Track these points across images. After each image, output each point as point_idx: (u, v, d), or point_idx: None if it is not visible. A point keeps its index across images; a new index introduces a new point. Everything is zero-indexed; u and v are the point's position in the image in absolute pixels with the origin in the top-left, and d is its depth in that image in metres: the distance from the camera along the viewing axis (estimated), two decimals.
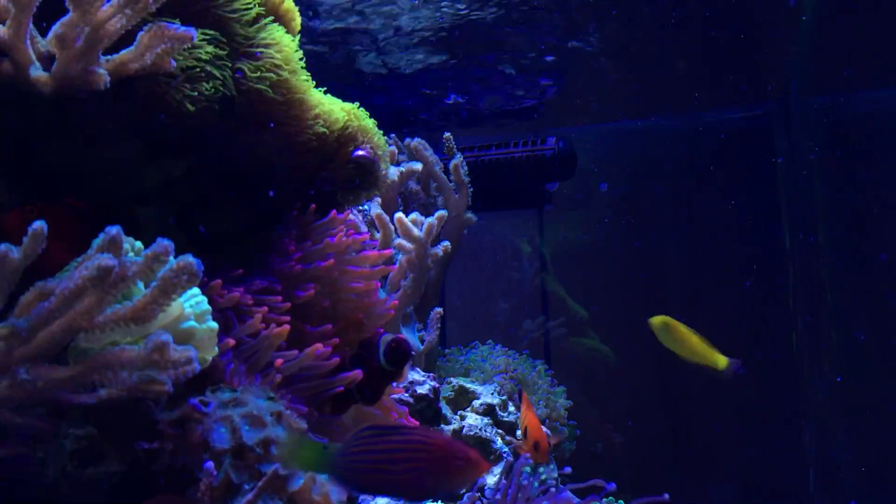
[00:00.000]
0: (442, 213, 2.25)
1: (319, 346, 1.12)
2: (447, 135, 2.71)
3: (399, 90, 3.92)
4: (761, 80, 4.12)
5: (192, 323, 0.88)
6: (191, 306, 0.89)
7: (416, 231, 2.22)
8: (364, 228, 2.20)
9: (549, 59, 3.58)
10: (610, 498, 2.41)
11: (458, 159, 2.63)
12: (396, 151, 2.66)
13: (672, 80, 4.05)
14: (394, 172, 2.57)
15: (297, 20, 1.26)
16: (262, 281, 1.16)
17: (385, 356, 1.15)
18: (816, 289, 4.29)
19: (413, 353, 1.21)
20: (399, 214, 2.19)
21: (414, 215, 2.25)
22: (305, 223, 1.25)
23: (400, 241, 2.22)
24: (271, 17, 1.18)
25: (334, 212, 1.29)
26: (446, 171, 2.70)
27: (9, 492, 0.85)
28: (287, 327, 1.09)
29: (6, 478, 0.85)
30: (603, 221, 5.13)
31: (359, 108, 1.31)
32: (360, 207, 2.30)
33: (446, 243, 2.36)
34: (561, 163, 3.03)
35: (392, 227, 2.28)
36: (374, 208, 2.37)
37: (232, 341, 1.03)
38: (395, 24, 3.10)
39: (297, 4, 1.26)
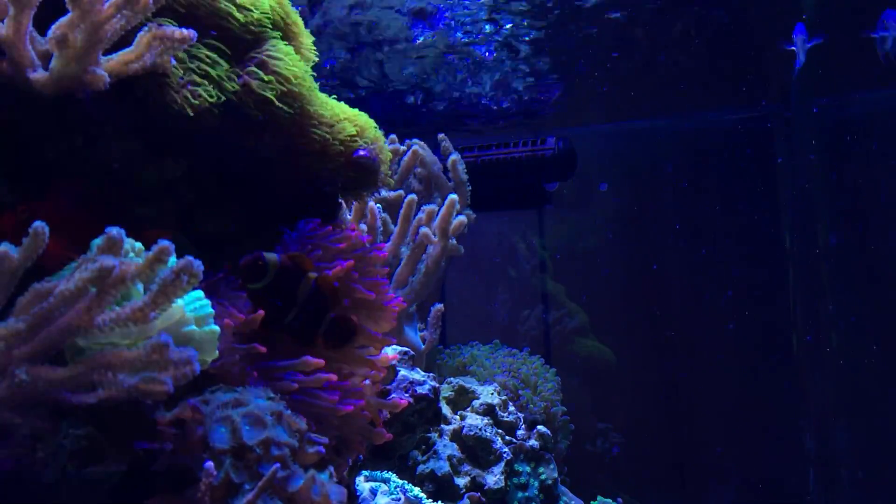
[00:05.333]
0: (462, 218, 2.28)
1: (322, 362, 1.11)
2: (441, 135, 2.71)
3: (398, 88, 3.92)
4: (762, 82, 4.13)
5: (192, 327, 0.88)
6: (192, 310, 0.89)
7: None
8: (379, 224, 2.21)
9: (551, 59, 3.58)
10: (608, 500, 2.42)
11: (455, 157, 2.63)
12: (403, 149, 2.67)
13: (672, 81, 4.05)
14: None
15: (305, 34, 1.26)
16: None
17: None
18: (816, 289, 4.29)
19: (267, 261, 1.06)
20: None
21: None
22: (314, 234, 1.25)
23: (425, 230, 2.23)
24: (274, 22, 1.19)
25: (341, 220, 1.30)
26: (445, 171, 2.71)
27: (9, 492, 0.85)
28: None
29: (6, 478, 0.85)
30: (603, 222, 5.13)
31: (359, 112, 1.32)
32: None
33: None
34: (561, 163, 3.03)
35: (412, 223, 2.29)
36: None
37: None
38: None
39: None
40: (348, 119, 1.27)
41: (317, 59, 1.28)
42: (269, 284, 1.05)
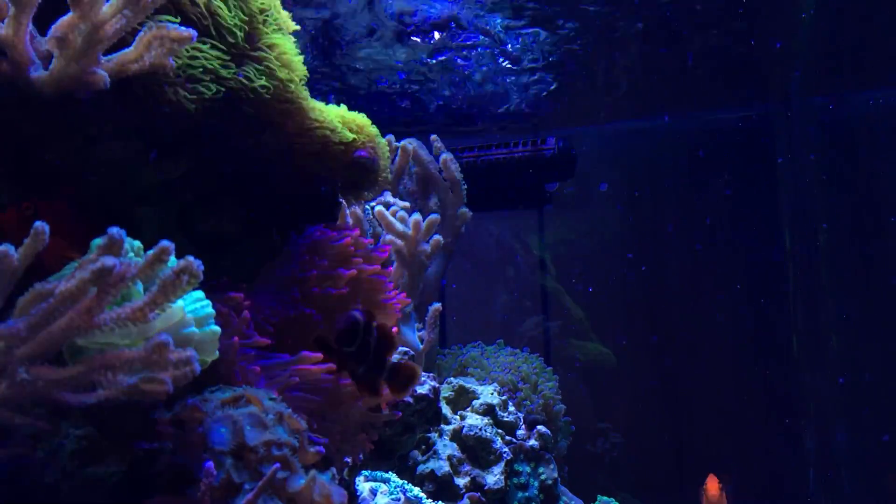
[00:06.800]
0: (435, 216, 2.27)
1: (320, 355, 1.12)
2: (433, 137, 2.71)
3: (396, 89, 3.92)
4: (762, 81, 4.13)
5: (192, 328, 0.88)
6: (192, 311, 0.89)
7: (399, 226, 2.23)
8: (367, 226, 2.21)
9: (550, 59, 3.58)
10: (610, 499, 2.42)
11: (447, 155, 2.64)
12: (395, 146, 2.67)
13: (672, 81, 4.05)
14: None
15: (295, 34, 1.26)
16: (291, 310, 1.17)
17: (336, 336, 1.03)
18: (817, 290, 4.29)
19: (359, 321, 1.04)
20: (379, 207, 2.20)
21: (402, 213, 2.26)
22: (320, 240, 1.26)
23: (390, 237, 2.23)
24: (275, 24, 1.18)
25: (342, 224, 1.30)
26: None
27: (9, 492, 0.85)
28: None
29: (6, 478, 0.84)
30: (603, 222, 5.13)
31: (356, 113, 1.32)
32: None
33: (438, 237, 2.37)
34: (561, 163, 3.04)
35: (404, 227, 2.29)
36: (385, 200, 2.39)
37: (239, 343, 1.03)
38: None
39: None
40: (347, 119, 1.27)
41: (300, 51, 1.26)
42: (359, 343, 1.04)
